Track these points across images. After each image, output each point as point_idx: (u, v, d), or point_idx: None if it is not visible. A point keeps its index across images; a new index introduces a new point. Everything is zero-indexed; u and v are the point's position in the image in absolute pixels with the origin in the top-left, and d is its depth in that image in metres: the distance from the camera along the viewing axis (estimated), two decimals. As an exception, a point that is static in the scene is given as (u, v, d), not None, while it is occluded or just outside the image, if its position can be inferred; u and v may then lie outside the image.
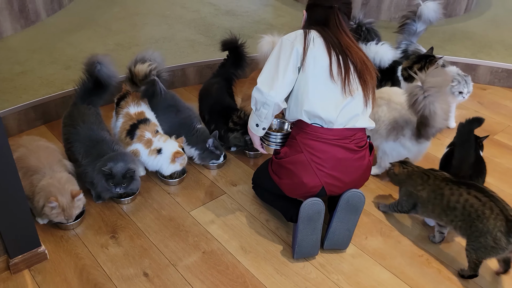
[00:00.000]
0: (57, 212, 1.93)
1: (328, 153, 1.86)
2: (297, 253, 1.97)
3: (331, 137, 1.86)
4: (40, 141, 2.13)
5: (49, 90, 2.79)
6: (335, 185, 1.90)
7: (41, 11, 3.65)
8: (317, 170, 1.86)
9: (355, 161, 1.90)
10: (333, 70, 1.81)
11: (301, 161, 1.88)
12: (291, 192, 1.98)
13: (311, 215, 1.88)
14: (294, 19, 4.10)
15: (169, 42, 3.53)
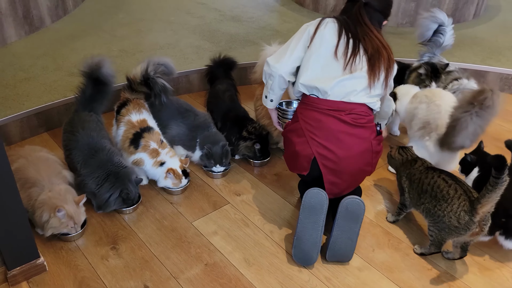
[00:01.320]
0: (66, 220, 1.90)
1: (321, 122, 1.91)
2: (296, 248, 1.91)
3: (325, 107, 1.92)
4: (41, 152, 2.10)
5: (52, 97, 2.77)
6: (327, 157, 1.90)
7: (46, 17, 3.64)
8: (310, 139, 1.91)
9: (351, 135, 1.90)
10: (338, 50, 1.92)
11: (297, 129, 1.96)
12: (289, 164, 2.05)
13: (313, 204, 1.88)
14: (299, 25, 4.02)
15: (173, 48, 3.50)
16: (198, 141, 2.39)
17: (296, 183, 2.41)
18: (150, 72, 2.31)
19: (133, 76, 2.36)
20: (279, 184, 2.41)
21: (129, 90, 2.38)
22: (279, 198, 2.32)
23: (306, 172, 1.95)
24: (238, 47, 3.58)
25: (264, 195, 2.33)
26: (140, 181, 2.17)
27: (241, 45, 3.61)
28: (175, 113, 2.47)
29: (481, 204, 1.77)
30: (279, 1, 4.68)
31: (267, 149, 2.51)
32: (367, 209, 2.26)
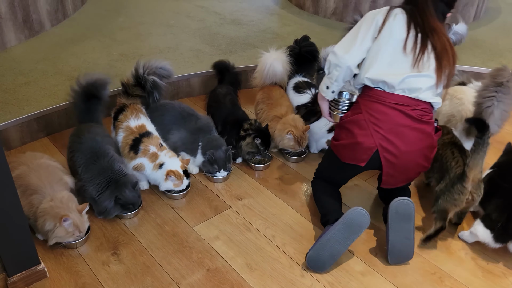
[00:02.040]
0: (72, 230, 1.89)
1: (387, 115, 1.92)
2: (313, 251, 1.90)
3: (391, 101, 1.93)
4: (42, 159, 2.08)
5: (52, 101, 2.76)
6: (390, 150, 1.91)
7: (45, 21, 3.63)
8: (374, 131, 1.91)
9: (415, 130, 1.92)
10: (407, 44, 1.91)
11: (359, 121, 1.95)
12: (345, 153, 2.01)
13: (354, 223, 1.86)
14: (300, 28, 4.06)
15: (174, 52, 3.49)
16: (200, 145, 2.38)
17: (298, 187, 2.41)
18: (140, 72, 2.31)
19: (127, 80, 2.37)
20: (280, 188, 2.40)
21: (125, 95, 2.37)
22: (281, 202, 2.30)
23: (363, 163, 1.96)
24: (238, 50, 3.57)
25: (265, 199, 2.32)
26: (136, 184, 2.12)
27: (241, 48, 3.61)
28: (178, 117, 2.46)
29: (469, 167, 1.92)
30: (279, 4, 4.68)
31: (269, 140, 2.50)
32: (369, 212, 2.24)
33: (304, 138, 2.48)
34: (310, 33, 3.89)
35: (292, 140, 2.46)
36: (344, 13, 4.19)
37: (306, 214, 2.23)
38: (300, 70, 2.85)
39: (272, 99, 2.66)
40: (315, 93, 2.68)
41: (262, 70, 2.68)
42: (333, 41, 3.71)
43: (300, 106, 2.69)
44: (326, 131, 2.57)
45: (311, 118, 2.62)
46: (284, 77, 2.73)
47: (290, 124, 2.47)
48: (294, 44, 2.92)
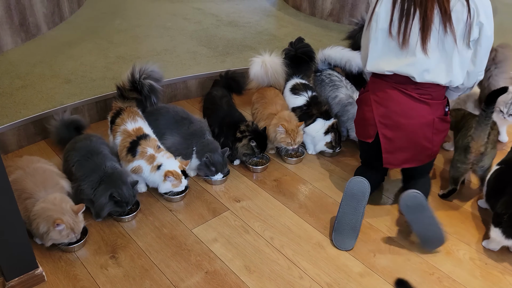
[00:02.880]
0: (67, 232, 1.89)
1: (387, 93, 2.05)
2: (336, 231, 2.05)
3: (392, 81, 2.04)
4: (39, 163, 2.08)
5: (49, 104, 2.75)
6: (388, 125, 2.04)
7: (42, 24, 3.63)
8: (375, 108, 2.07)
9: (415, 109, 2.01)
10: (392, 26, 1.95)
11: (366, 99, 2.13)
12: (358, 130, 2.22)
13: (355, 192, 2.03)
14: (296, 29, 4.06)
15: (170, 54, 3.49)
16: (195, 149, 2.37)
17: (296, 189, 2.41)
18: (136, 76, 2.31)
19: (122, 83, 2.36)
20: (278, 190, 2.40)
21: (120, 99, 2.37)
22: (279, 204, 2.30)
23: (371, 139, 2.11)
24: (235, 52, 3.57)
25: (263, 201, 2.32)
26: (136, 183, 2.14)
27: (238, 50, 3.61)
28: (171, 122, 2.45)
29: (473, 139, 2.09)
30: (276, 6, 4.69)
31: (265, 143, 2.49)
32: (367, 213, 2.25)
33: (296, 133, 2.47)
34: (307, 34, 3.91)
35: (284, 133, 2.45)
36: (340, 14, 4.20)
37: (304, 215, 2.23)
38: (297, 72, 2.86)
39: (266, 98, 2.66)
40: (311, 96, 2.68)
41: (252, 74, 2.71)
42: (330, 42, 3.73)
43: (296, 108, 2.69)
44: (322, 133, 2.57)
45: (306, 121, 2.62)
46: (278, 79, 2.73)
47: (284, 118, 2.49)
48: (289, 47, 2.92)
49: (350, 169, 2.57)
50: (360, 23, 2.85)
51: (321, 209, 2.27)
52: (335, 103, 2.72)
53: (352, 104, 2.66)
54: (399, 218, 2.22)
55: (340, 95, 2.70)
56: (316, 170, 2.56)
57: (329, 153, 2.65)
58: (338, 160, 2.65)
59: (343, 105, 2.69)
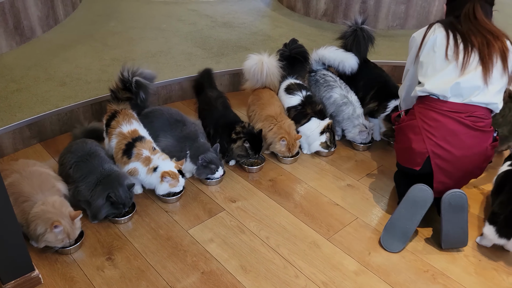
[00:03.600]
0: (62, 237, 1.89)
1: (439, 122, 1.99)
2: (386, 231, 2.05)
3: (445, 109, 1.99)
4: (35, 166, 2.08)
5: (44, 107, 2.76)
6: (442, 157, 1.99)
7: (37, 28, 3.63)
8: (426, 138, 2.00)
9: (469, 137, 1.97)
10: (448, 51, 1.98)
11: (413, 126, 2.05)
12: (400, 157, 2.17)
13: (417, 199, 1.99)
14: (291, 30, 4.07)
15: (166, 55, 3.50)
16: (188, 153, 2.37)
17: (292, 189, 2.42)
18: (125, 74, 2.34)
19: (115, 84, 2.39)
20: (274, 190, 2.41)
21: (115, 101, 2.39)
22: (274, 203, 2.32)
23: (418, 167, 2.05)
24: (230, 53, 3.58)
25: (259, 201, 2.33)
26: (132, 185, 2.15)
27: (233, 51, 3.62)
28: (165, 124, 2.45)
29: None
30: (270, 6, 4.70)
31: (260, 146, 2.50)
32: (362, 212, 2.27)
33: (294, 146, 2.53)
34: (301, 35, 3.92)
35: (285, 146, 2.49)
36: (334, 14, 4.21)
37: (299, 215, 2.24)
38: (291, 72, 2.87)
39: (263, 100, 2.67)
40: (305, 95, 2.70)
41: (247, 70, 2.72)
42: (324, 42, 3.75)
43: (291, 108, 2.71)
44: (318, 133, 2.59)
45: (301, 120, 2.64)
46: (273, 80, 2.75)
47: (285, 130, 2.51)
48: (283, 47, 2.94)
49: (345, 168, 2.59)
50: (353, 26, 2.86)
51: (317, 209, 2.29)
52: (330, 103, 2.74)
53: (347, 104, 2.68)
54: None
55: (335, 95, 2.71)
56: (311, 170, 2.57)
57: (325, 152, 2.67)
58: (333, 159, 2.67)
59: (337, 105, 2.70)
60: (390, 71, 3.50)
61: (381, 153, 2.73)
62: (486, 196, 2.40)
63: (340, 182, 2.48)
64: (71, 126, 2.81)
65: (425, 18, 4.12)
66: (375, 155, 2.72)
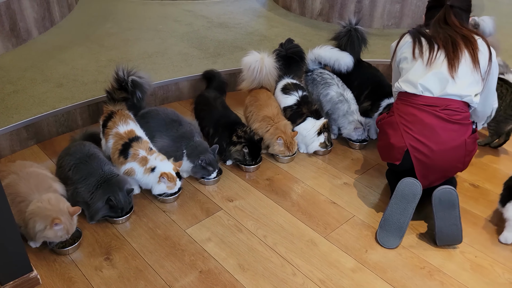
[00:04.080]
0: (62, 234, 1.90)
1: (416, 116, 2.05)
2: (381, 228, 2.09)
3: (420, 103, 2.06)
4: (32, 167, 2.09)
5: (41, 109, 2.76)
6: (420, 150, 2.02)
7: (33, 29, 3.63)
8: (404, 132, 2.06)
9: (446, 131, 2.01)
10: (415, 52, 2.12)
11: (392, 123, 2.12)
12: (382, 154, 2.23)
13: (406, 193, 2.03)
14: (286, 30, 4.09)
15: (162, 56, 3.50)
16: (185, 152, 2.38)
17: (289, 187, 2.43)
18: (120, 74, 2.35)
19: (111, 85, 2.40)
20: (271, 189, 2.42)
21: (111, 102, 2.39)
22: (271, 202, 2.33)
23: (398, 162, 2.09)
24: (227, 53, 3.59)
25: (256, 200, 2.34)
26: (131, 191, 2.17)
27: (229, 51, 3.63)
28: (161, 124, 2.46)
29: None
30: (266, 7, 4.71)
31: (258, 153, 2.52)
32: (359, 210, 2.28)
33: (293, 144, 2.55)
34: (297, 34, 3.94)
35: (282, 145, 2.51)
36: (330, 13, 4.23)
37: (296, 213, 2.26)
38: (288, 72, 2.88)
39: (260, 101, 2.68)
40: (301, 95, 2.71)
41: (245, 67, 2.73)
42: (320, 41, 3.76)
43: (286, 108, 2.72)
44: (315, 133, 2.60)
45: (297, 120, 2.65)
46: (270, 79, 2.76)
47: (281, 130, 2.53)
48: (279, 47, 2.95)
49: (342, 167, 2.60)
50: (347, 27, 2.88)
51: (314, 207, 2.30)
52: (326, 101, 2.75)
53: (343, 102, 2.69)
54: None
55: (332, 92, 2.73)
56: (308, 169, 2.58)
57: (321, 151, 2.68)
58: (329, 158, 2.68)
59: (334, 103, 2.71)
60: (386, 70, 3.52)
61: (377, 152, 2.74)
62: (481, 192, 2.42)
63: (336, 180, 2.50)
64: (68, 127, 2.83)
65: (420, 17, 4.13)
66: (371, 153, 2.73)
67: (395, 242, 2.06)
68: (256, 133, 2.56)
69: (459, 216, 2.02)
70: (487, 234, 2.16)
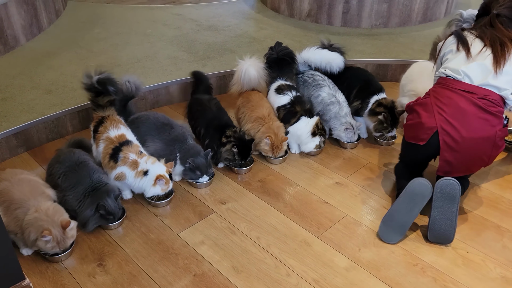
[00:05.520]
0: (52, 245, 1.89)
1: (452, 99, 2.07)
2: (384, 223, 2.10)
3: (458, 88, 2.09)
4: (22, 174, 2.07)
5: (30, 116, 2.74)
6: (450, 134, 2.04)
7: (20, 36, 3.61)
8: (437, 113, 2.07)
9: (479, 119, 2.03)
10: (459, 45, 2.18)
11: (425, 104, 2.14)
12: (408, 133, 2.21)
13: (416, 193, 2.03)
14: (276, 31, 4.10)
15: (151, 60, 3.50)
16: (178, 156, 2.38)
17: (281, 188, 2.44)
18: (86, 82, 2.34)
19: (89, 96, 2.38)
20: (263, 190, 2.42)
21: (100, 109, 2.37)
22: (264, 204, 2.33)
23: (422, 142, 2.10)
24: (216, 56, 3.59)
25: (249, 201, 2.34)
26: (118, 195, 2.15)
27: (219, 53, 3.63)
28: (152, 128, 2.45)
29: None
30: (254, 9, 4.72)
31: (248, 153, 2.52)
32: (351, 209, 2.29)
33: (279, 148, 2.55)
34: (286, 36, 3.95)
35: (268, 145, 2.51)
36: (318, 14, 4.25)
37: (289, 214, 2.26)
38: (281, 74, 2.89)
39: (252, 102, 2.69)
40: (295, 95, 2.72)
41: (239, 77, 2.74)
42: (309, 42, 3.78)
43: (280, 107, 2.73)
44: (309, 133, 2.60)
45: (290, 120, 2.66)
46: (260, 82, 2.76)
47: (273, 131, 2.53)
48: (270, 51, 2.96)
49: (333, 166, 2.61)
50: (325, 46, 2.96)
51: (306, 207, 2.31)
52: (318, 102, 2.76)
53: (334, 104, 2.70)
54: (381, 212, 2.27)
55: (323, 94, 2.74)
56: (299, 169, 2.59)
57: (313, 151, 2.69)
58: (321, 158, 2.69)
59: (325, 104, 2.73)
60: (375, 69, 3.55)
61: (368, 151, 2.77)
62: (471, 188, 2.44)
63: (328, 180, 2.51)
64: (58, 134, 2.81)
65: (408, 16, 4.18)
66: (363, 152, 2.75)
67: (395, 238, 2.09)
68: (248, 134, 2.56)
69: (456, 212, 2.03)
70: (478, 230, 2.18)
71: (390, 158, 2.70)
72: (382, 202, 2.35)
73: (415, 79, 2.81)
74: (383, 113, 2.63)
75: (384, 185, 2.47)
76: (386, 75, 3.57)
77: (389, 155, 2.73)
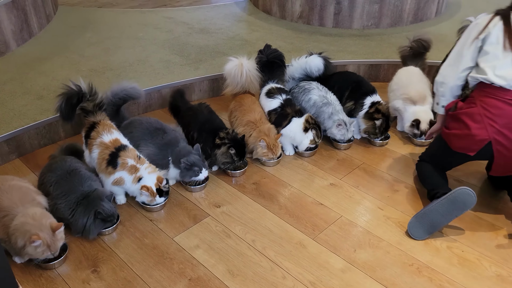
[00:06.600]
0: (43, 249, 1.86)
1: (502, 110, 2.02)
2: (416, 217, 2.11)
3: (508, 98, 2.02)
4: (13, 181, 2.05)
5: (21, 122, 2.72)
6: (503, 144, 2.02)
7: (11, 42, 3.58)
8: (488, 125, 2.03)
9: None
10: (505, 42, 2.03)
11: (474, 114, 2.07)
12: (456, 141, 2.15)
13: (459, 200, 2.02)
14: (268, 33, 4.10)
15: (143, 64, 3.48)
16: (170, 159, 2.37)
17: (276, 191, 2.43)
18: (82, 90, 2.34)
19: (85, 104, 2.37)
20: (258, 193, 2.42)
21: (90, 115, 2.36)
22: (259, 206, 2.32)
23: (472, 153, 2.10)
24: (208, 58, 3.59)
25: (244, 204, 2.34)
26: (111, 196, 2.14)
27: (211, 56, 3.63)
28: (145, 133, 2.44)
29: None
30: (246, 11, 4.72)
31: (244, 151, 2.51)
32: (346, 210, 2.29)
33: (276, 146, 2.54)
34: (278, 37, 3.95)
35: (265, 147, 2.51)
36: (310, 16, 4.25)
37: (284, 216, 2.26)
38: (272, 77, 2.89)
39: (244, 106, 2.69)
40: (285, 98, 2.72)
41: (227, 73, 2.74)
42: (301, 43, 3.79)
43: (271, 112, 2.73)
44: (301, 131, 2.60)
45: (282, 123, 2.66)
46: (253, 81, 2.76)
47: (264, 133, 2.53)
48: (260, 54, 2.97)
49: (327, 168, 2.61)
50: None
51: (301, 209, 2.30)
52: (310, 106, 2.77)
53: (327, 105, 2.71)
54: (376, 212, 2.27)
55: (314, 97, 2.75)
56: (294, 171, 2.59)
57: (307, 153, 2.69)
58: (315, 159, 2.69)
59: (318, 107, 2.73)
60: (367, 70, 3.56)
61: (362, 151, 2.77)
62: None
63: (323, 181, 2.51)
64: (50, 139, 2.79)
65: (399, 17, 4.20)
66: (356, 153, 2.75)
67: (422, 235, 2.11)
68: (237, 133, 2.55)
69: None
70: (473, 228, 2.19)
71: (384, 158, 2.70)
72: (377, 202, 2.35)
73: (406, 84, 2.86)
74: (380, 119, 2.68)
75: (378, 186, 2.47)
76: (378, 76, 3.59)
77: (383, 155, 2.73)
